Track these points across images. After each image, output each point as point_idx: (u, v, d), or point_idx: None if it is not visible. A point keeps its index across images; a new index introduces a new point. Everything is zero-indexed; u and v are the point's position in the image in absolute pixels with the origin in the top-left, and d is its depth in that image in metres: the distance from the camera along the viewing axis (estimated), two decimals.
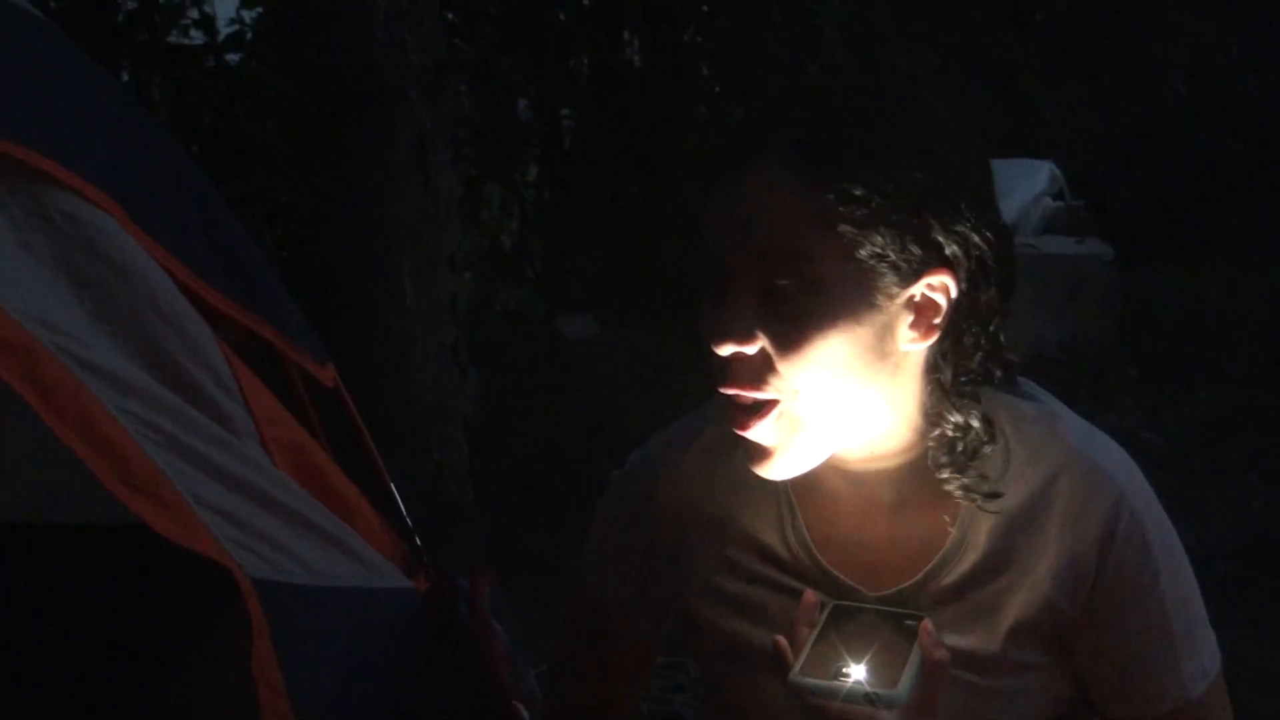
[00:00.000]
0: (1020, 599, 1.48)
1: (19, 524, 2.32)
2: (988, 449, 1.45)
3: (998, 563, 1.48)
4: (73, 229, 1.52)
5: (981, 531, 1.48)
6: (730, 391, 1.40)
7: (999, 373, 1.47)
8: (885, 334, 1.39)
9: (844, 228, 1.34)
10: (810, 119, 1.40)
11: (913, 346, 1.40)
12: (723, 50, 10.48)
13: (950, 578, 1.49)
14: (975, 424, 1.45)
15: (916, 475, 1.48)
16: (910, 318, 1.39)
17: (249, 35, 7.68)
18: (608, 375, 7.68)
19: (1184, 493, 6.01)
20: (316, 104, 4.35)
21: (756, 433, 1.41)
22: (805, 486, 1.53)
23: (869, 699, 1.38)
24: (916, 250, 1.36)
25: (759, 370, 1.39)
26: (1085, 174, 11.74)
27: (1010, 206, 9.64)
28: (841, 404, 1.41)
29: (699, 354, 1.42)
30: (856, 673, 1.40)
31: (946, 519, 1.48)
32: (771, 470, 1.44)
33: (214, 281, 1.76)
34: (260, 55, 7.51)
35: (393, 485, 2.09)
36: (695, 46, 10.72)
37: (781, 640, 1.45)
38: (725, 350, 1.38)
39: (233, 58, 7.77)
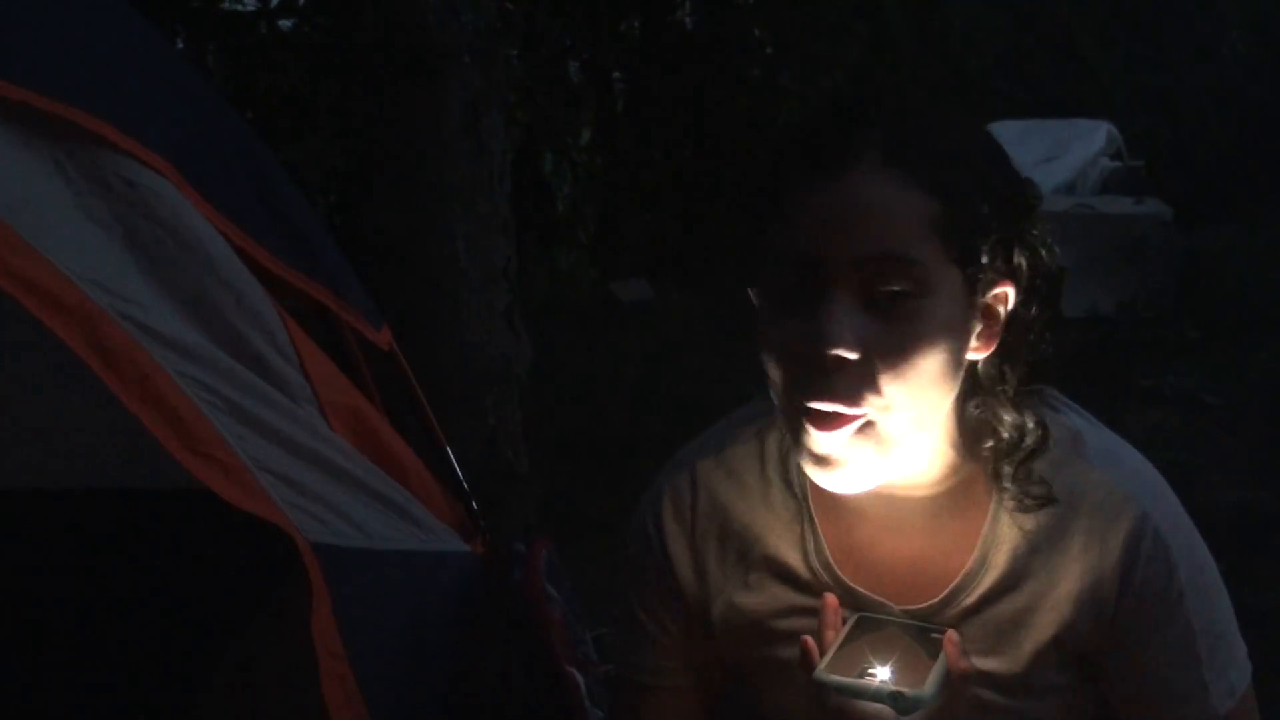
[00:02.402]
0: (1042, 620, 1.46)
1: (80, 489, 2.34)
2: (1051, 445, 1.43)
3: (1019, 583, 1.47)
4: (131, 194, 1.52)
5: (1003, 552, 1.47)
6: (825, 408, 1.34)
7: (1039, 383, 1.46)
8: (964, 344, 1.37)
9: (957, 234, 1.32)
10: (908, 121, 1.38)
11: (973, 356, 1.39)
12: (775, 12, 10.41)
13: (972, 598, 1.48)
14: (1030, 424, 1.43)
15: (949, 501, 1.47)
16: (979, 326, 1.38)
17: (301, 1, 7.69)
18: (661, 338, 7.68)
19: (1246, 454, 5.96)
20: (369, 69, 4.35)
21: (837, 444, 1.36)
22: (825, 504, 1.52)
23: (894, 698, 1.38)
24: (1001, 260, 1.36)
25: (859, 382, 1.33)
26: (1143, 134, 11.60)
27: (1067, 167, 9.56)
28: (921, 421, 1.37)
29: (748, 321, 1.39)
30: (882, 673, 1.40)
31: (968, 539, 1.47)
32: (836, 482, 1.39)
33: (270, 246, 1.76)
34: (313, 20, 7.53)
35: (448, 449, 2.09)
36: (747, 8, 10.66)
37: (809, 640, 1.44)
38: (835, 353, 1.31)
39: (285, 23, 7.80)
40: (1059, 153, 9.64)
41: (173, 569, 2.32)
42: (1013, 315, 1.39)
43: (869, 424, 1.34)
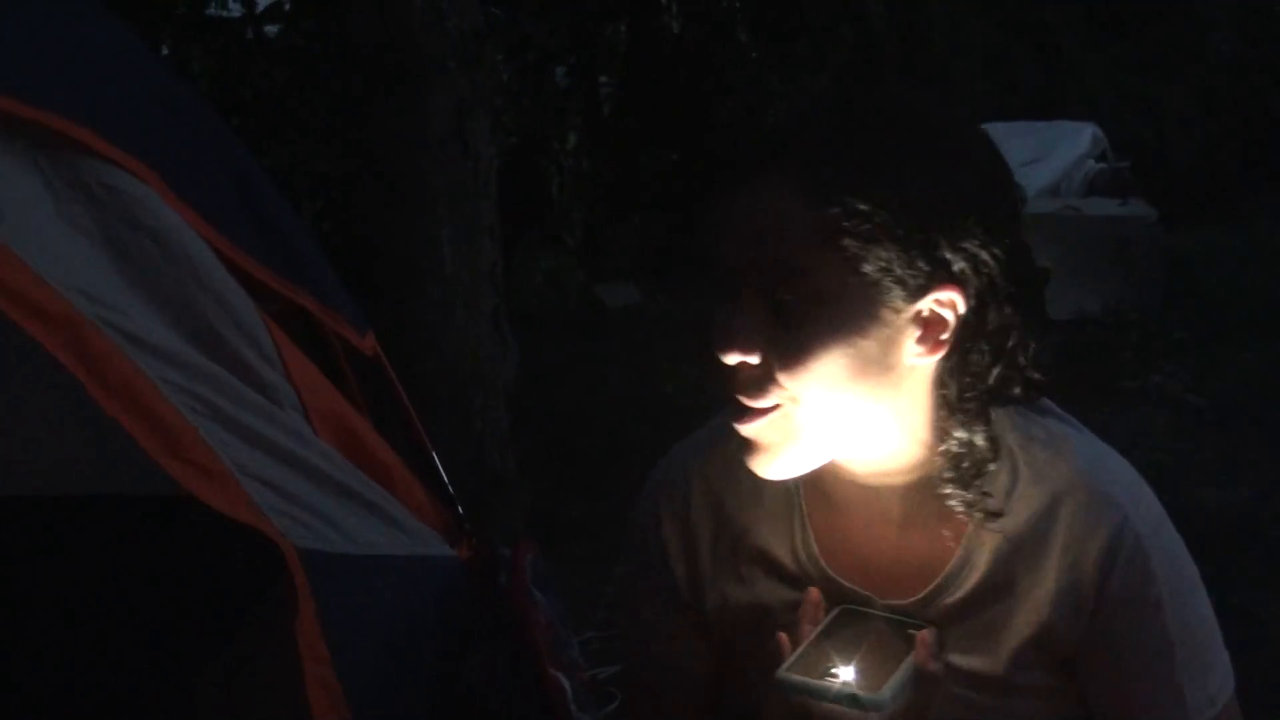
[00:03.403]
0: (1022, 621, 1.47)
1: (64, 496, 2.33)
2: (992, 467, 1.45)
3: (1000, 584, 1.47)
4: (112, 200, 1.52)
5: (985, 552, 1.48)
6: (739, 399, 1.41)
7: (1018, 391, 1.45)
8: (890, 348, 1.38)
9: (848, 242, 1.34)
10: (820, 133, 1.40)
11: (919, 361, 1.40)
12: (761, 15, 10.43)
13: (954, 597, 1.49)
14: (980, 442, 1.43)
15: (926, 492, 1.47)
16: (917, 333, 1.39)
17: (287, 6, 7.69)
18: (648, 343, 7.68)
19: (1231, 455, 5.97)
20: (355, 74, 4.35)
21: (754, 429, 1.42)
22: (816, 499, 1.55)
23: (852, 700, 1.38)
24: (923, 266, 1.35)
25: (761, 379, 1.39)
26: (1129, 136, 11.63)
27: (1052, 169, 9.58)
28: (842, 414, 1.41)
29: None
30: (845, 674, 1.40)
31: (952, 538, 1.48)
32: (764, 468, 1.44)
33: (254, 252, 1.75)
34: (298, 26, 7.53)
35: (434, 454, 2.09)
36: (733, 12, 10.67)
37: (783, 636, 1.46)
38: (729, 359, 1.39)
39: (271, 29, 7.80)
40: (1044, 155, 9.65)
41: (157, 576, 2.32)
42: (964, 320, 1.39)
43: (782, 412, 1.40)
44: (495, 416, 4.52)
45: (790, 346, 1.37)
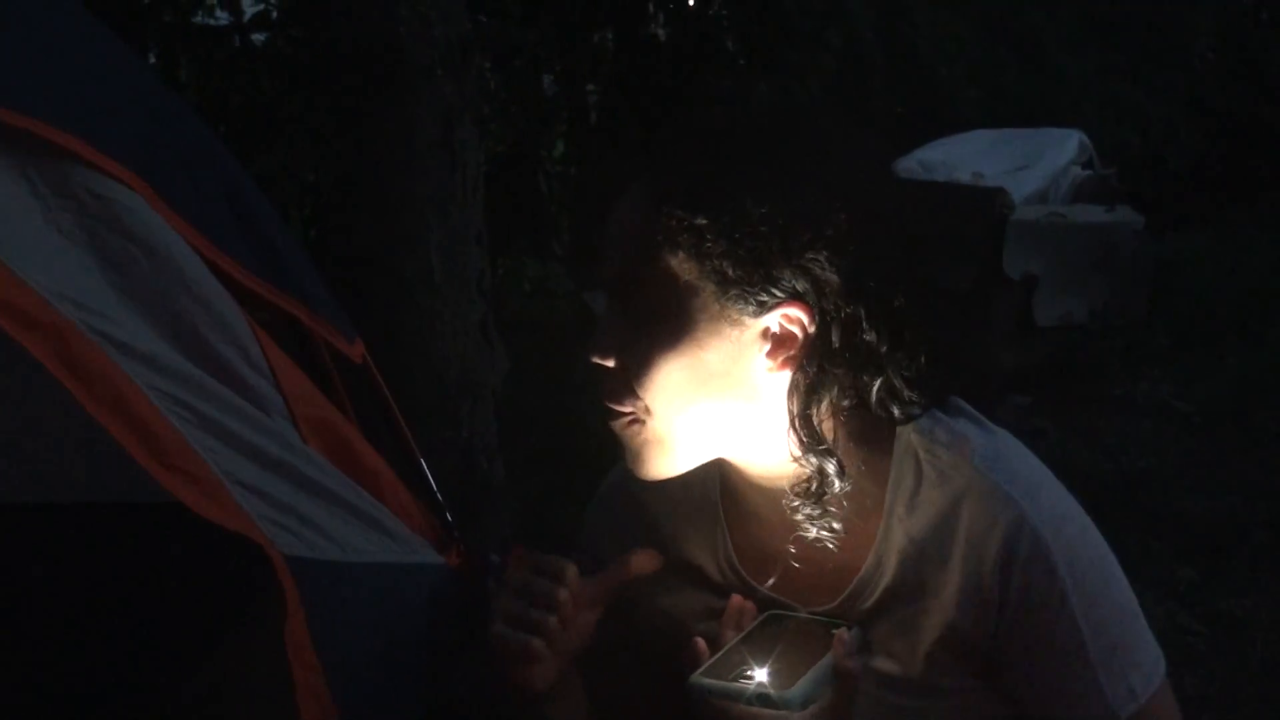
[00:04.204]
0: (932, 623, 1.49)
1: (53, 504, 2.33)
2: (894, 476, 1.48)
3: (909, 586, 1.49)
4: (101, 208, 1.52)
5: (893, 555, 1.49)
6: (607, 403, 1.47)
7: (897, 412, 1.47)
8: (735, 362, 1.42)
9: (681, 255, 1.38)
10: (677, 152, 1.45)
11: (775, 375, 1.42)
12: (747, 23, 10.43)
13: (869, 601, 1.51)
14: (814, 460, 1.46)
15: (839, 502, 1.49)
16: (766, 347, 1.41)
17: (274, 14, 7.68)
18: None
19: (1218, 461, 5.98)
20: (341, 82, 4.35)
21: (619, 432, 1.48)
22: (734, 509, 1.58)
23: (764, 700, 1.39)
24: (763, 284, 1.39)
25: (619, 386, 1.45)
26: (1115, 142, 11.65)
27: (1039, 176, 9.58)
28: (700, 423, 1.45)
29: None
30: (759, 675, 1.41)
31: (864, 543, 1.50)
32: (635, 470, 1.50)
33: (241, 259, 1.76)
34: (285, 34, 7.52)
35: (423, 461, 2.09)
36: (720, 20, 10.67)
37: (698, 641, 1.49)
38: (592, 358, 1.46)
39: (258, 37, 7.78)
40: (1030, 162, 9.66)
41: (146, 583, 2.31)
42: (813, 340, 1.41)
43: (637, 422, 1.46)
44: (483, 424, 4.52)
45: (637, 355, 1.43)
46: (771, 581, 1.55)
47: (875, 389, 1.44)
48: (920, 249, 1.47)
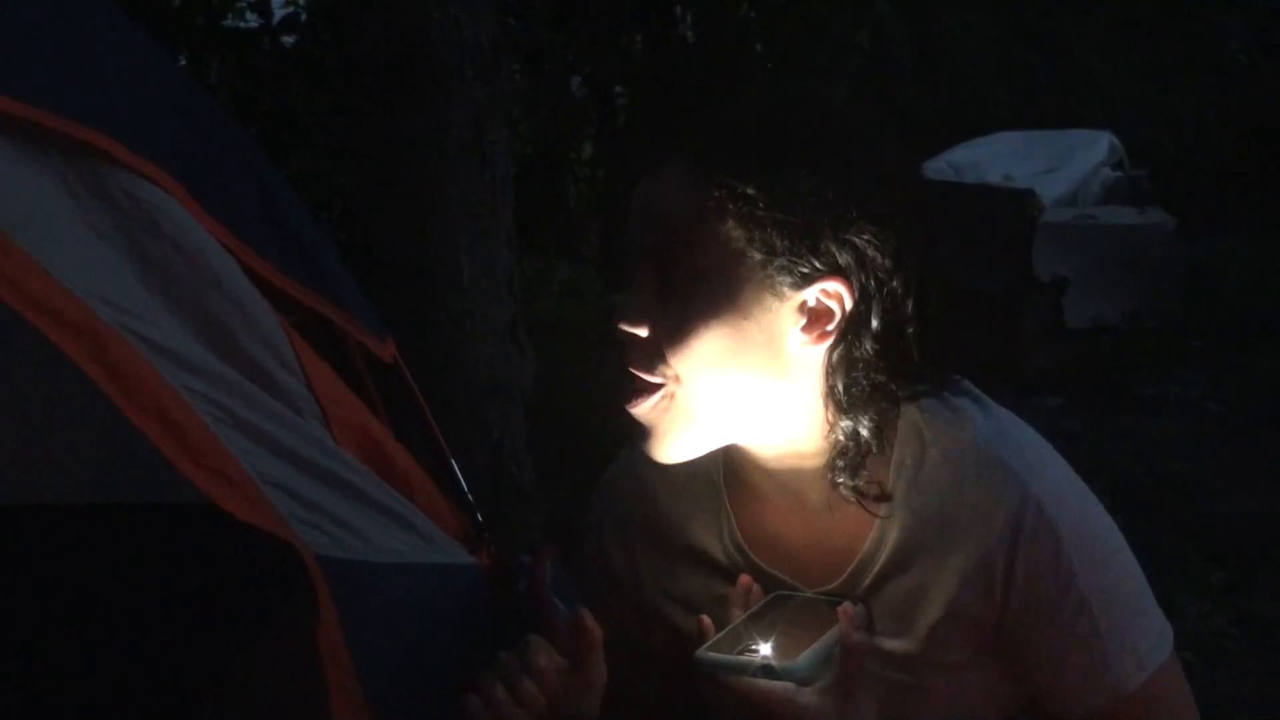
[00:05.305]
0: (935, 599, 1.50)
1: (86, 504, 2.34)
2: (898, 454, 1.49)
3: (911, 564, 1.50)
4: (135, 209, 1.52)
5: (897, 533, 1.49)
6: (631, 371, 1.46)
7: (921, 384, 1.49)
8: (774, 334, 1.42)
9: (731, 224, 1.38)
10: (720, 120, 1.46)
11: (805, 350, 1.42)
12: (776, 24, 10.42)
13: (871, 578, 1.51)
14: (864, 433, 1.46)
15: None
16: (802, 321, 1.42)
17: (303, 17, 7.71)
18: None
19: (1250, 463, 5.96)
20: (372, 85, 4.36)
21: (641, 411, 1.47)
22: (738, 490, 1.59)
23: (766, 671, 1.40)
24: (808, 256, 1.39)
25: (649, 355, 1.44)
26: (1146, 144, 11.60)
27: (1069, 177, 9.55)
28: (728, 397, 1.45)
29: None
30: (764, 649, 1.42)
31: (868, 521, 1.51)
32: (654, 451, 1.49)
33: (275, 260, 1.76)
34: (315, 37, 7.55)
35: (454, 462, 2.10)
36: (748, 21, 10.67)
37: (705, 619, 1.50)
38: (623, 326, 1.45)
39: (288, 40, 7.82)
40: (1061, 164, 9.63)
41: (177, 584, 2.32)
42: (850, 315, 1.41)
43: (668, 395, 1.45)
44: (513, 425, 4.52)
45: (675, 323, 1.42)
46: (775, 563, 1.56)
47: (896, 366, 1.45)
48: (938, 237, 1.49)
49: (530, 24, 8.48)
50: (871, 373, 1.44)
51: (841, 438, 1.47)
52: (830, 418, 1.46)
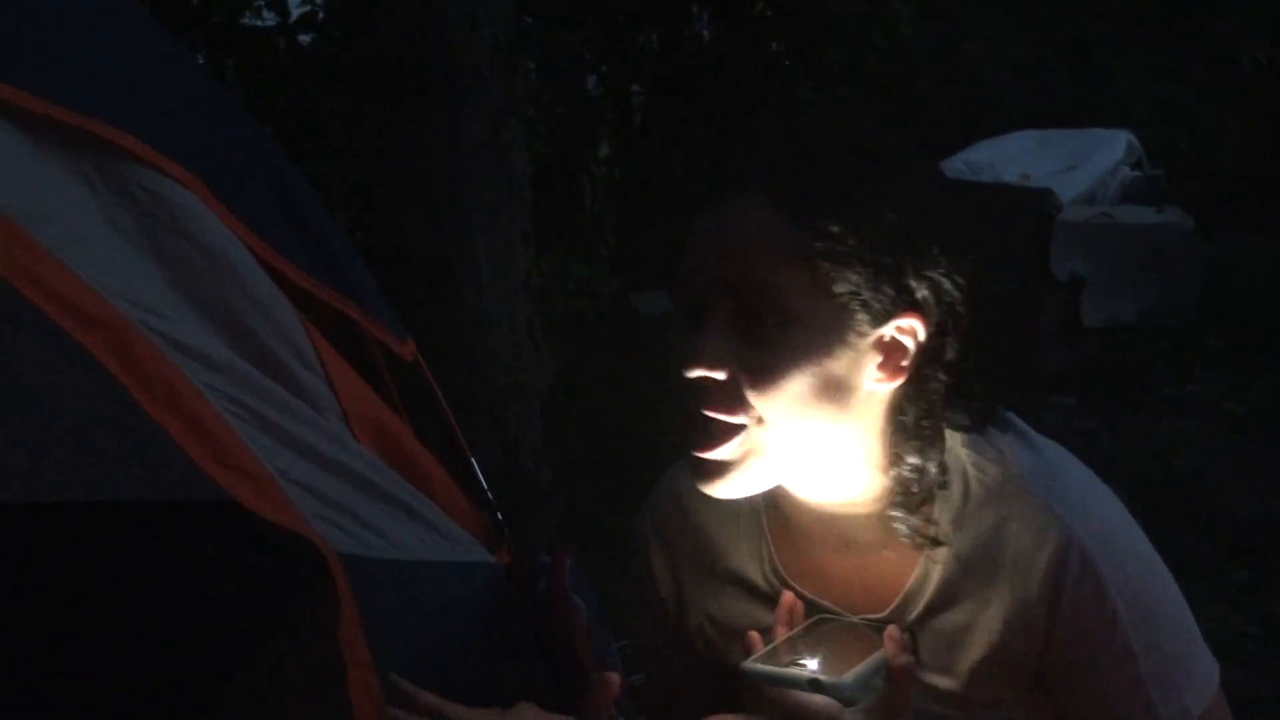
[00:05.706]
0: (979, 639, 1.48)
1: (106, 502, 2.34)
2: (942, 493, 1.46)
3: (953, 603, 1.49)
4: (156, 206, 1.53)
5: (941, 571, 1.48)
6: (705, 413, 1.42)
7: (972, 418, 1.47)
8: (852, 371, 1.40)
9: (821, 263, 1.36)
10: (792, 155, 1.42)
11: (878, 387, 1.42)
12: (792, 23, 10.42)
13: (913, 615, 1.50)
14: (932, 468, 1.45)
15: (883, 519, 1.49)
16: (879, 358, 1.40)
17: (320, 16, 7.72)
18: None
19: (1269, 463, 5.94)
20: (389, 83, 4.37)
21: (718, 454, 1.43)
22: (779, 523, 1.57)
23: (813, 685, 1.39)
24: (889, 292, 1.38)
25: (729, 397, 1.41)
26: (1163, 143, 11.58)
27: (1087, 177, 9.54)
28: (803, 436, 1.42)
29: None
30: (810, 664, 1.41)
31: (910, 560, 1.50)
32: (719, 489, 1.46)
33: (294, 258, 1.76)
34: (332, 36, 7.56)
35: (473, 460, 2.09)
36: (765, 20, 10.66)
37: (753, 634, 1.49)
38: (695, 374, 1.40)
39: (305, 38, 7.83)
40: (1079, 163, 9.62)
41: (196, 582, 2.32)
42: (924, 349, 1.40)
43: (747, 433, 1.42)
44: (530, 424, 4.53)
45: (760, 364, 1.39)
46: (816, 590, 1.55)
47: (950, 400, 1.44)
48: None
49: (546, 23, 8.48)
50: (938, 407, 1.43)
51: (907, 474, 1.45)
52: (890, 457, 1.44)
